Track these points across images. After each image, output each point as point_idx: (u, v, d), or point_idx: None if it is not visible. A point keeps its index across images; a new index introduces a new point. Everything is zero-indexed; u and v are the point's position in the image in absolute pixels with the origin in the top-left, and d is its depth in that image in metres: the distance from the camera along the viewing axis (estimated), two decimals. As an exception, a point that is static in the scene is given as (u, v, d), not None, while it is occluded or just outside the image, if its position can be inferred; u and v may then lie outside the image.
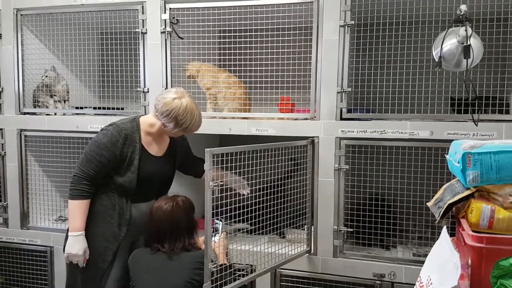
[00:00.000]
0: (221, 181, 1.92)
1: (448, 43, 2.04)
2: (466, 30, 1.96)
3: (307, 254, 2.44)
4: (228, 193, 1.99)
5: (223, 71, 2.65)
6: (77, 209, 2.13)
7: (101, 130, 2.19)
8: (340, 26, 2.31)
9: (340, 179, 2.37)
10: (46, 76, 2.83)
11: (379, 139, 2.30)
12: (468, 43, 1.97)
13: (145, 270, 2.02)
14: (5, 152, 2.87)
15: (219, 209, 1.99)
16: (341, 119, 2.36)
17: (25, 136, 2.86)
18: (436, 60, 2.07)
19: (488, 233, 1.33)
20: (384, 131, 2.28)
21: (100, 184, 2.17)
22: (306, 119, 2.43)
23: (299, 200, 2.42)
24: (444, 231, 1.43)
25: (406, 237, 2.44)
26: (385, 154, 2.32)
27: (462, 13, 1.99)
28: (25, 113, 2.86)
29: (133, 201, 2.21)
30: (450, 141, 1.57)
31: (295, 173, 2.50)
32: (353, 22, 2.30)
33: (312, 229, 2.43)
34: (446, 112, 2.43)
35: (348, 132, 2.34)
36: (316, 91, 2.38)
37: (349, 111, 2.38)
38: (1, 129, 2.87)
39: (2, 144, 2.87)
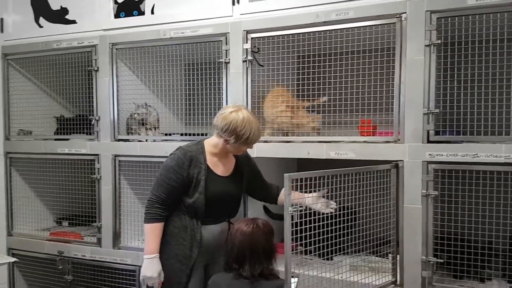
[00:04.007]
0: (300, 206, 1.89)
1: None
2: None
3: (393, 285, 2.31)
4: (308, 218, 1.96)
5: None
6: (151, 232, 2.22)
7: (169, 155, 2.29)
8: (425, 45, 2.21)
9: (429, 206, 2.23)
10: (137, 113, 3.02)
11: (471, 163, 2.14)
12: None
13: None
14: (100, 176, 3.08)
15: (298, 235, 1.96)
16: (428, 142, 2.24)
17: (119, 161, 3.05)
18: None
19: None
20: (477, 154, 2.12)
21: (172, 206, 2.25)
22: (388, 142, 2.33)
23: (382, 228, 2.31)
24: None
25: (503, 269, 2.23)
26: (479, 179, 2.15)
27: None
28: (119, 140, 3.05)
29: (204, 223, 2.26)
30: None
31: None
32: (439, 41, 2.20)
33: (398, 259, 2.31)
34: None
35: (437, 155, 2.21)
36: (400, 113, 2.29)
37: (437, 133, 2.25)
38: (97, 155, 3.09)
39: (98, 168, 3.08)
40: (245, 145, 2.23)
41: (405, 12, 2.25)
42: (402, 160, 2.28)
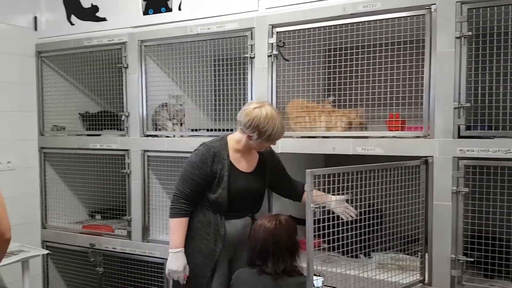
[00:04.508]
0: (323, 203, 1.87)
1: None
2: None
3: (421, 284, 2.26)
4: (331, 215, 1.94)
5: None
6: (176, 227, 2.25)
7: (194, 150, 2.31)
8: (456, 37, 2.14)
9: (459, 203, 2.16)
10: (172, 104, 3.06)
11: (504, 159, 2.06)
12: None
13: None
14: (130, 171, 3.14)
15: (321, 232, 1.94)
16: (459, 137, 2.17)
17: (148, 156, 3.10)
18: None
19: None
20: (509, 150, 2.04)
21: (197, 202, 2.26)
22: (418, 137, 2.27)
23: (410, 225, 2.25)
24: None
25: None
26: (511, 175, 2.07)
27: None
28: (147, 136, 3.10)
29: (228, 218, 2.27)
30: None
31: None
32: (470, 33, 2.12)
33: (426, 257, 2.25)
34: None
35: (468, 151, 2.14)
36: (429, 107, 2.23)
37: (468, 128, 2.18)
38: (127, 150, 3.15)
39: (128, 163, 3.14)
40: (268, 141, 2.22)
41: (435, 4, 2.19)
42: (432, 156, 2.22)
